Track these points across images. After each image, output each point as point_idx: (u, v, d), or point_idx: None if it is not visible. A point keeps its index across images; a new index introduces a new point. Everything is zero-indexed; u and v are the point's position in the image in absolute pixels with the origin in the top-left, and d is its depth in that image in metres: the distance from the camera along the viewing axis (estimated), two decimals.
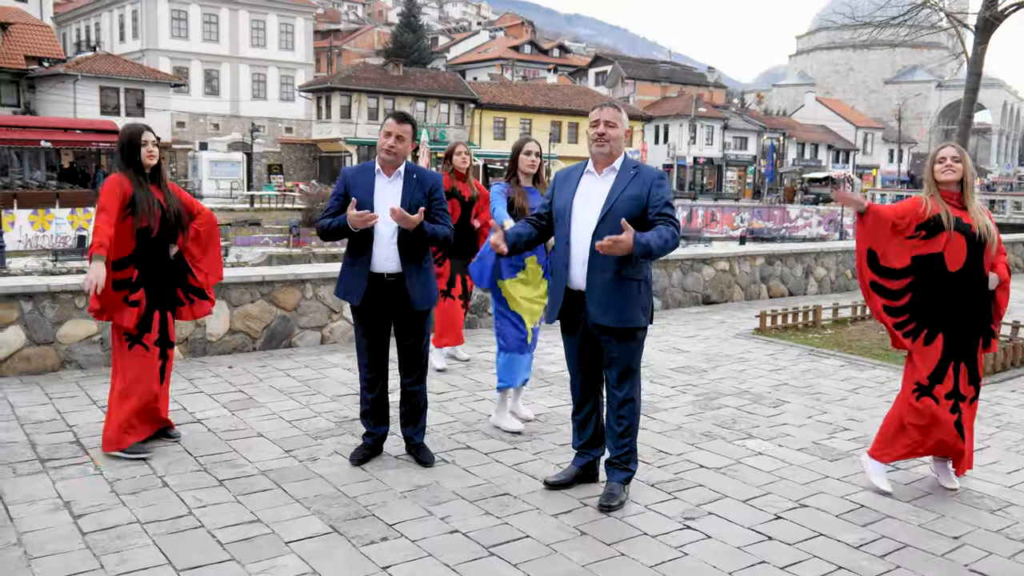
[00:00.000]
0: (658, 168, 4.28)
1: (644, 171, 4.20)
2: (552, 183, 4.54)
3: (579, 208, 4.26)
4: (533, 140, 5.65)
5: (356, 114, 52.21)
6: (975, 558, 3.84)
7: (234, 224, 39.15)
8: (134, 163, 4.65)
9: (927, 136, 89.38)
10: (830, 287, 12.56)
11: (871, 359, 7.92)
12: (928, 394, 4.49)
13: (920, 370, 4.52)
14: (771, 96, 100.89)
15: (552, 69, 73.13)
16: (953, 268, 4.44)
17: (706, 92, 73.20)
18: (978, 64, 8.16)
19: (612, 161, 4.23)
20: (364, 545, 3.76)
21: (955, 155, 4.47)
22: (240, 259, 32.89)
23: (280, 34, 61.64)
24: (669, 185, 4.21)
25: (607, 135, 4.19)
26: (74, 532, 3.80)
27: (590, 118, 4.28)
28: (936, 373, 4.49)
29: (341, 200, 4.63)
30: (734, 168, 69.77)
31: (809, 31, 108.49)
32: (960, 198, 4.48)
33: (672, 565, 3.66)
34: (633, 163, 4.24)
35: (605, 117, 4.19)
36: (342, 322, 7.95)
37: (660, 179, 4.17)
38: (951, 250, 4.42)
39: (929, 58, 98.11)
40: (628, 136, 4.27)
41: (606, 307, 4.17)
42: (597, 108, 4.28)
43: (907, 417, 4.54)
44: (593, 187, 4.25)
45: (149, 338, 4.83)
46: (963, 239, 4.42)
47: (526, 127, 57.56)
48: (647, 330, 4.34)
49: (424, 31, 79.55)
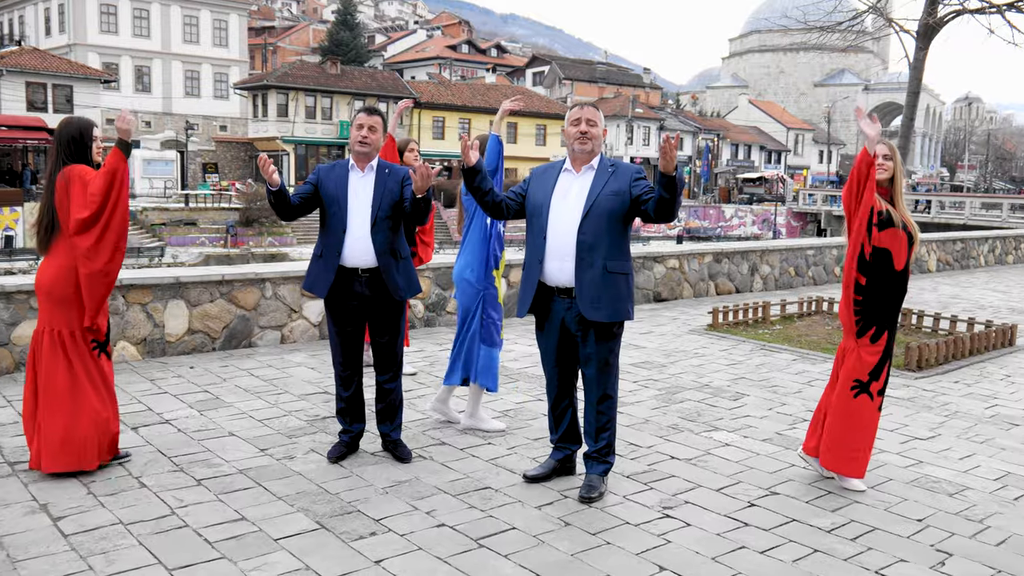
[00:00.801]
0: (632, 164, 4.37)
1: (622, 168, 4.30)
2: (528, 179, 4.60)
3: (557, 205, 4.34)
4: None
5: (293, 112, 51.56)
6: (939, 539, 4.03)
7: (169, 224, 38.41)
8: (84, 159, 4.37)
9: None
10: (774, 284, 12.91)
11: (821, 353, 8.18)
12: (866, 391, 4.57)
13: (863, 367, 4.57)
14: (705, 98, 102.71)
15: (491, 69, 73.26)
16: (899, 267, 4.54)
17: (642, 93, 74.18)
18: (919, 68, 8.48)
19: (591, 159, 4.32)
20: (353, 540, 3.78)
21: (886, 153, 4.56)
22: (176, 259, 32.28)
23: (214, 30, 60.48)
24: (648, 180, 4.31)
25: (589, 133, 4.28)
26: (55, 534, 3.73)
27: (570, 117, 4.36)
28: (875, 371, 4.57)
29: (310, 187, 4.67)
30: None
31: (741, 34, 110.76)
32: (890, 195, 4.57)
33: (657, 552, 3.77)
34: (610, 161, 4.34)
35: (587, 115, 4.28)
36: (302, 321, 7.90)
37: (638, 173, 4.29)
38: (897, 248, 4.52)
39: (856, 61, 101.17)
40: (604, 135, 4.37)
41: (597, 303, 4.24)
42: (577, 107, 4.36)
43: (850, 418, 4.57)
44: (572, 184, 4.33)
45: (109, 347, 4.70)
46: (905, 237, 4.54)
47: (465, 127, 57.55)
48: (623, 325, 4.44)
49: (361, 29, 78.84)
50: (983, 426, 5.92)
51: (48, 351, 4.32)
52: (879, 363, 4.56)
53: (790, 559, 3.75)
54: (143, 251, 32.83)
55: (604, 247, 4.24)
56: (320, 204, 4.65)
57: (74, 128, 4.36)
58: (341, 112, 53.34)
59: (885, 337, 4.58)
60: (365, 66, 65.99)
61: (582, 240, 4.25)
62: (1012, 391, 6.97)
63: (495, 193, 4.45)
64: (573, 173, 4.35)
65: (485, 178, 4.38)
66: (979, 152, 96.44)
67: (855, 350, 4.60)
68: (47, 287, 4.31)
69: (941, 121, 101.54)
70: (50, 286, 4.30)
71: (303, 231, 41.07)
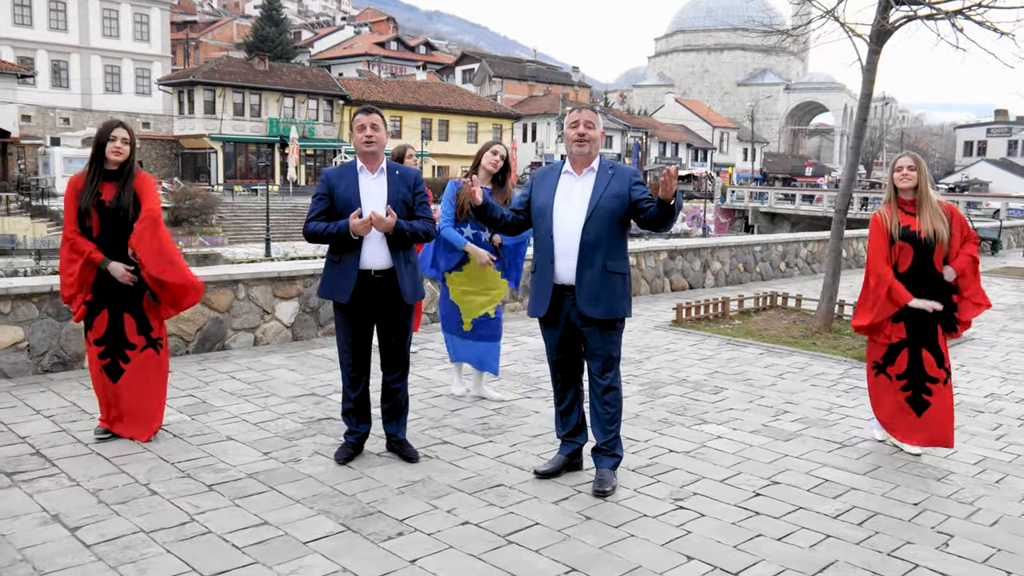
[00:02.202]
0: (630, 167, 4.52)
1: (620, 171, 4.44)
2: (529, 183, 4.70)
3: (561, 207, 4.44)
4: (501, 144, 5.84)
5: (221, 109, 50.47)
6: (937, 521, 4.24)
7: None
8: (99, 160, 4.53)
9: (777, 136, 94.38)
10: (724, 280, 13.23)
11: (784, 346, 8.44)
12: (883, 372, 5.18)
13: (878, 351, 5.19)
14: (632, 96, 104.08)
15: (422, 66, 72.88)
16: (902, 269, 5.04)
17: (572, 91, 74.75)
18: (872, 71, 8.81)
19: (590, 162, 4.45)
20: (382, 541, 3.79)
21: (911, 164, 4.98)
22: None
23: (135, 24, 58.79)
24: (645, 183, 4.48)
25: (587, 135, 4.39)
26: (77, 545, 3.65)
27: (568, 120, 4.48)
28: (888, 355, 5.10)
29: (326, 201, 4.62)
30: None
31: (667, 33, 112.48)
32: (915, 204, 5.00)
33: (681, 543, 3.88)
34: (609, 164, 4.47)
35: (585, 118, 4.40)
36: (275, 323, 7.81)
37: (635, 176, 4.45)
38: (901, 256, 5.03)
39: (777, 62, 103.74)
40: (602, 137, 4.49)
41: (595, 300, 4.36)
42: (575, 111, 4.47)
43: (871, 391, 5.30)
44: (574, 186, 4.44)
45: (91, 335, 4.80)
46: (909, 246, 4.99)
47: (396, 125, 57.20)
48: (625, 321, 4.55)
49: (286, 25, 77.52)
50: None
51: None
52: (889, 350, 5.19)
53: (806, 545, 3.91)
54: None
55: (605, 247, 4.36)
56: (334, 212, 4.62)
57: (97, 132, 4.55)
58: (270, 109, 52.45)
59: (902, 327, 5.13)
60: (292, 63, 64.91)
61: (585, 240, 4.35)
62: (969, 380, 7.32)
63: (505, 216, 4.60)
64: (574, 175, 4.46)
65: (494, 208, 4.54)
66: (894, 150, 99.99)
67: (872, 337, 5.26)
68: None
69: None
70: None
71: (235, 231, 40.30)
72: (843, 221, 9.52)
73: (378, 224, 4.44)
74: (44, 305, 6.47)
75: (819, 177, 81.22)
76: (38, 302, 6.44)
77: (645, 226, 4.39)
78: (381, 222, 4.43)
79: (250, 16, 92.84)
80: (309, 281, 8.01)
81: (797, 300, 10.68)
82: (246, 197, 46.52)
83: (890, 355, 5.14)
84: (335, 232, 4.48)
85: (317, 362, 7.14)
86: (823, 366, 7.67)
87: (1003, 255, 21.67)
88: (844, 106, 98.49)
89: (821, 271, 15.18)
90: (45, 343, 6.46)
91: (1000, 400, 6.66)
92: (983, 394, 6.84)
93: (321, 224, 4.54)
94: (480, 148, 5.80)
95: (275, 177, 50.87)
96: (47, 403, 5.71)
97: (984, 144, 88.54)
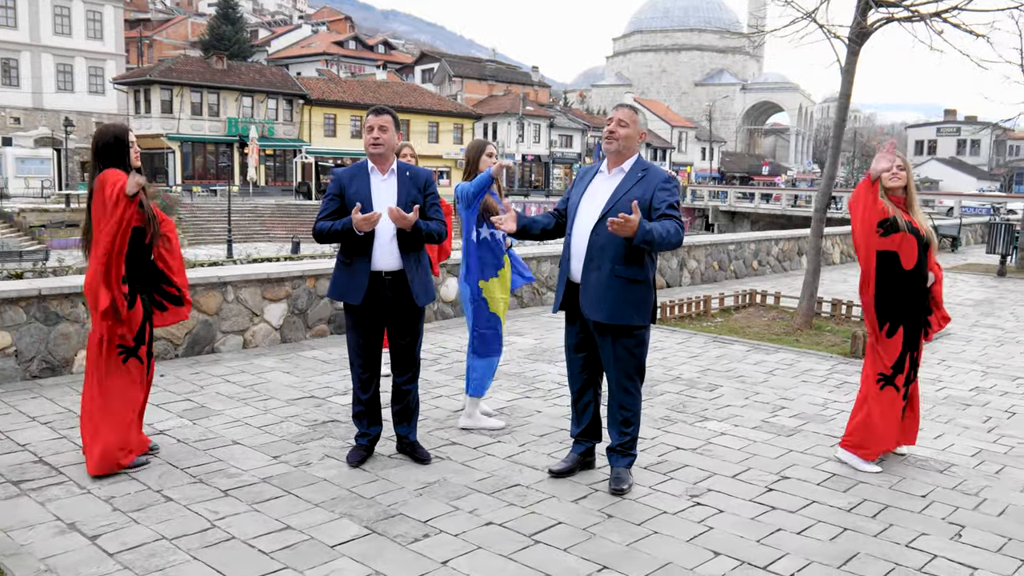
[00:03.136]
0: (665, 171, 4.45)
1: (652, 173, 4.37)
2: (573, 181, 4.72)
3: (584, 205, 4.44)
4: (491, 143, 5.72)
5: (178, 109, 49.73)
6: (947, 512, 4.34)
7: (49, 226, 36.46)
8: (122, 163, 4.38)
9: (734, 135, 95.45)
10: (701, 278, 13.36)
11: (769, 343, 8.56)
12: (891, 383, 4.91)
13: (884, 360, 4.91)
14: (591, 96, 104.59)
15: (382, 66, 72.47)
16: (908, 266, 4.85)
17: (531, 91, 74.94)
18: (851, 72, 8.96)
19: (622, 161, 4.41)
20: (409, 543, 3.78)
21: (900, 164, 4.95)
22: (62, 263, 30.66)
23: (87, 22, 57.50)
24: (678, 188, 4.41)
25: (616, 133, 4.37)
26: (100, 554, 3.59)
27: (606, 119, 4.50)
28: (898, 363, 4.91)
29: (337, 201, 4.59)
30: (560, 165, 71.88)
31: (625, 34, 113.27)
32: (905, 202, 4.96)
33: (705, 539, 3.92)
34: (643, 165, 4.41)
35: (618, 116, 4.38)
36: (264, 325, 7.72)
37: (666, 182, 4.34)
38: (905, 250, 4.83)
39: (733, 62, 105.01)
40: (642, 138, 4.43)
41: (598, 303, 4.35)
42: (614, 109, 4.48)
43: (875, 408, 4.90)
44: (600, 186, 4.44)
45: (143, 350, 4.59)
46: (914, 240, 4.86)
47: (357, 124, 56.84)
48: (648, 329, 4.50)
49: (243, 23, 76.56)
50: (941, 407, 6.35)
51: (95, 356, 4.35)
52: (900, 356, 4.89)
53: (826, 538, 3.97)
54: (24, 255, 31.01)
55: (615, 251, 4.29)
56: (344, 212, 4.58)
57: (109, 135, 4.40)
58: (229, 108, 51.78)
59: (901, 331, 4.89)
60: (249, 61, 64.14)
61: (594, 241, 4.35)
62: (952, 374, 7.49)
63: (546, 225, 4.64)
64: (605, 174, 4.46)
65: (531, 225, 4.60)
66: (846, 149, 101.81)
67: (874, 346, 4.93)
68: (86, 292, 4.26)
69: (812, 120, 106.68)
70: (86, 291, 4.28)
71: (194, 232, 39.73)
72: (823, 220, 9.68)
73: (400, 220, 4.41)
74: (32, 309, 6.33)
75: (776, 176, 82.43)
76: (25, 306, 6.30)
77: None
78: (403, 219, 4.41)
79: (204, 14, 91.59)
80: (298, 283, 7.93)
81: (776, 298, 10.83)
82: (205, 198, 45.89)
83: (900, 362, 4.91)
84: (340, 229, 4.46)
85: (310, 364, 7.08)
86: (810, 362, 7.79)
87: (963, 252, 22.18)
88: (799, 106, 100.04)
89: (792, 269, 15.44)
90: (33, 348, 6.32)
91: (985, 393, 6.83)
92: (968, 388, 7.00)
93: (328, 223, 4.52)
94: (473, 150, 5.53)
95: (235, 177, 50.25)
96: (41, 409, 5.59)
97: (934, 143, 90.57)
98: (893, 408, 4.92)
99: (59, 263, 30.42)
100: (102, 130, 4.43)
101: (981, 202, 44.26)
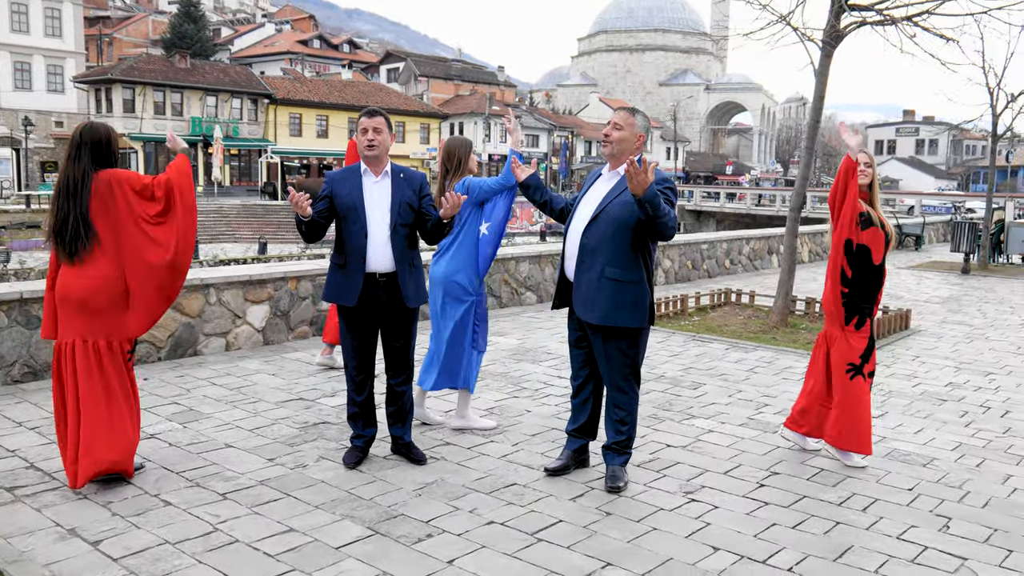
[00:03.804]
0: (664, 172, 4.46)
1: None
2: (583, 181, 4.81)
3: (582, 207, 4.51)
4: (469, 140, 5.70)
5: (141, 108, 49.06)
6: (933, 505, 4.46)
7: (10, 227, 35.79)
8: (111, 164, 4.30)
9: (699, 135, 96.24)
10: (675, 277, 13.50)
11: (747, 341, 8.69)
12: (860, 372, 4.99)
13: (853, 352, 4.98)
14: (556, 95, 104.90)
15: (347, 65, 72.04)
16: (877, 261, 4.99)
17: (497, 91, 75.01)
18: (824, 74, 9.12)
19: (618, 164, 4.47)
20: (414, 543, 3.81)
21: (867, 161, 5.06)
22: (24, 265, 30.10)
23: (45, 19, 56.44)
24: (675, 192, 4.43)
25: (612, 136, 4.43)
26: (104, 559, 3.57)
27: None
28: (866, 353, 5.00)
29: (325, 202, 4.61)
30: None
31: (590, 34, 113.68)
32: (869, 199, 5.05)
33: (704, 534, 4.00)
34: None
35: (614, 119, 4.45)
36: (246, 327, 7.68)
37: (664, 182, 4.35)
38: (875, 244, 4.96)
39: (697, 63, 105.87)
40: (641, 142, 4.47)
41: (590, 304, 4.40)
42: (614, 111, 4.55)
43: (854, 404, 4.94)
44: (598, 188, 4.50)
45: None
46: (883, 235, 5.00)
47: (323, 124, 56.51)
48: (644, 331, 4.54)
49: (205, 21, 75.65)
50: (919, 403, 6.51)
51: (83, 363, 4.15)
52: (867, 347, 4.98)
53: (820, 532, 4.07)
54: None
55: (606, 253, 4.34)
56: (335, 214, 4.60)
57: (102, 133, 4.27)
58: (193, 108, 51.20)
59: (868, 324, 5.01)
60: (212, 60, 63.43)
61: (584, 243, 4.41)
62: (927, 370, 7.67)
63: (551, 199, 4.68)
64: (605, 177, 4.51)
65: (538, 189, 4.59)
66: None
67: (842, 337, 5.00)
68: (83, 297, 4.15)
69: (775, 120, 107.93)
70: (87, 296, 4.16)
71: None
72: (798, 219, 9.84)
73: (451, 209, 4.43)
74: (13, 313, 6.24)
75: (740, 175, 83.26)
76: (7, 310, 6.22)
77: (647, 236, 4.33)
78: (454, 207, 4.42)
79: (165, 12, 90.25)
80: (280, 284, 7.90)
81: (751, 296, 10.99)
82: None
83: (867, 352, 4.99)
84: (296, 219, 4.52)
85: (295, 366, 7.06)
86: (789, 360, 7.92)
87: (926, 250, 22.62)
88: (762, 106, 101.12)
89: (763, 268, 15.64)
90: (15, 352, 6.24)
91: (960, 389, 7.00)
92: (943, 384, 7.17)
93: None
94: (461, 147, 5.43)
95: (199, 178, 49.67)
96: (27, 415, 5.52)
97: (894, 143, 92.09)
98: (865, 395, 4.98)
99: (20, 265, 29.87)
100: (94, 127, 4.28)
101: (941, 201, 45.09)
